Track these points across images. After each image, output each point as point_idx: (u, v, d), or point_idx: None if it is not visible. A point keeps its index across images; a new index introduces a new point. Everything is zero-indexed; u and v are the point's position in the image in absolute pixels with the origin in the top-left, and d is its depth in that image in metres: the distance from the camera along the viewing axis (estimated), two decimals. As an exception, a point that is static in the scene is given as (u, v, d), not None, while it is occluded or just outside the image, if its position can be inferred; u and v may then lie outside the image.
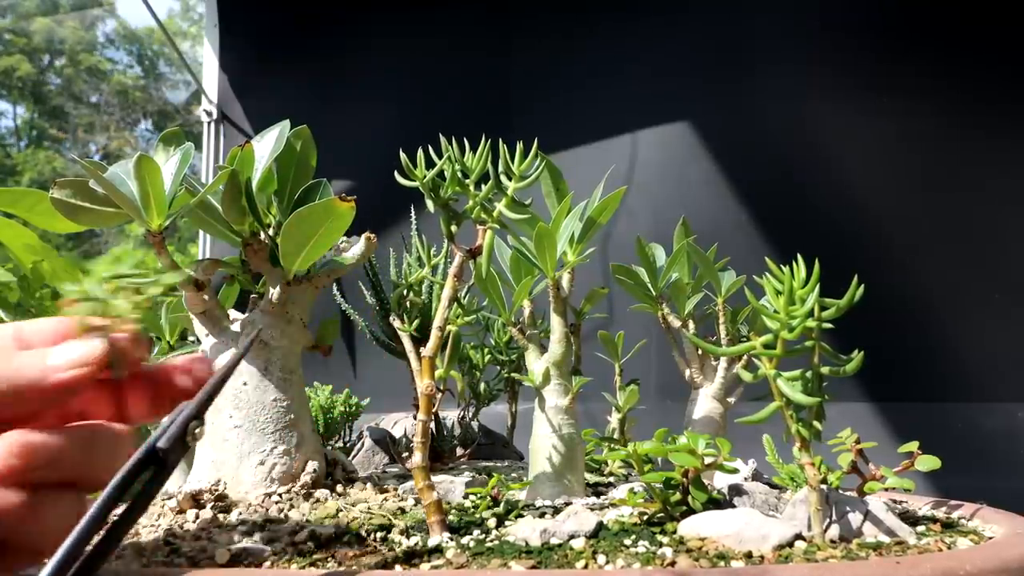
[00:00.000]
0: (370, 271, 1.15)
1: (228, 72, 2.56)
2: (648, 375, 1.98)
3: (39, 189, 1.10)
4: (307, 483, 0.80)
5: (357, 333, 2.16)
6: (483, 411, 1.38)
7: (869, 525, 0.61)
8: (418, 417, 0.67)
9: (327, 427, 1.24)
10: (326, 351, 0.93)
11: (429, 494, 0.64)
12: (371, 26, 2.50)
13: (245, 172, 0.80)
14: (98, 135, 9.37)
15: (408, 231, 1.17)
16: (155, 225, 0.75)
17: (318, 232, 0.75)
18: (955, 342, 1.98)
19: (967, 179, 2.04)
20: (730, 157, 2.15)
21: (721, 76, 2.20)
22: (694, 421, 0.97)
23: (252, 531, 0.66)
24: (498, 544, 0.59)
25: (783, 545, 0.56)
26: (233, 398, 0.80)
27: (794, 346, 0.60)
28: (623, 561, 0.53)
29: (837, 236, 1.99)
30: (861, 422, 1.87)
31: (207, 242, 2.46)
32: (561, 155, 2.16)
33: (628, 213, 2.13)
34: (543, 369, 0.82)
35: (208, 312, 0.84)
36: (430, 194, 0.70)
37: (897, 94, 2.08)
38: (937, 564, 0.49)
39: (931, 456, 0.78)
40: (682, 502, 0.66)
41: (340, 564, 0.56)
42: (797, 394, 0.59)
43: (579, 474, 0.81)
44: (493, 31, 2.43)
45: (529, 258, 0.82)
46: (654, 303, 0.99)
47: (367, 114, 2.42)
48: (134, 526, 0.61)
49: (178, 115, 8.76)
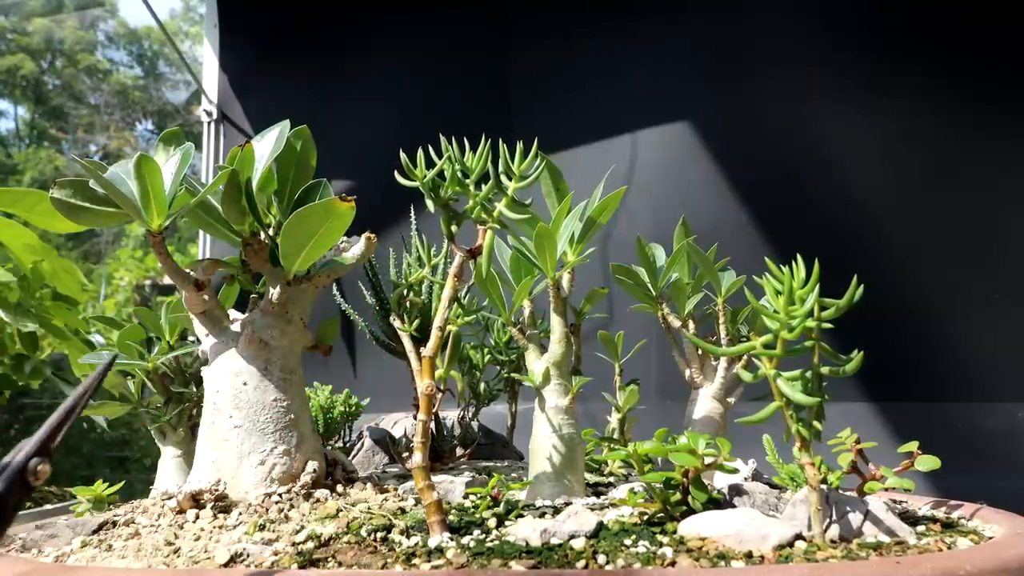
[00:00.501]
0: (370, 271, 1.15)
1: (228, 72, 2.55)
2: (648, 375, 1.98)
3: (40, 189, 1.10)
4: (307, 483, 0.80)
5: (357, 333, 2.16)
6: (483, 411, 1.38)
7: (869, 525, 0.61)
8: (418, 417, 0.67)
9: (327, 427, 1.24)
10: (326, 351, 0.93)
11: (429, 494, 0.64)
12: (371, 26, 2.50)
13: (245, 172, 0.80)
14: (98, 135, 9.37)
15: (408, 231, 1.17)
16: (155, 225, 0.75)
17: (318, 232, 0.75)
18: (955, 342, 1.97)
19: (967, 179, 2.04)
20: (730, 157, 2.15)
21: (721, 76, 2.20)
22: (694, 421, 0.97)
23: (252, 531, 0.66)
24: (498, 544, 0.59)
25: (783, 545, 0.56)
26: (233, 398, 0.80)
27: (794, 346, 0.60)
28: (623, 561, 0.53)
29: (837, 236, 1.99)
30: (861, 422, 1.87)
31: (207, 242, 2.46)
32: (561, 155, 2.16)
33: (628, 213, 2.13)
34: (543, 369, 0.82)
35: (208, 312, 0.84)
36: (430, 194, 0.70)
37: (897, 94, 2.08)
38: (937, 564, 0.49)
39: (931, 456, 0.78)
40: (682, 502, 0.66)
41: (340, 564, 0.56)
42: (797, 394, 0.59)
43: (579, 474, 0.81)
44: (493, 32, 2.42)
45: (529, 258, 0.82)
46: (654, 303, 0.99)
47: (367, 114, 2.42)
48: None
49: (178, 115, 8.76)
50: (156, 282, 6.53)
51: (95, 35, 9.75)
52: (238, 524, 0.70)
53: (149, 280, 6.93)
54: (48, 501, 1.34)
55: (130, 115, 9.56)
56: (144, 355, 1.06)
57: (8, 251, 1.33)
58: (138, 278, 7.20)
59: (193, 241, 7.36)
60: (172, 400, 1.10)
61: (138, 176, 0.72)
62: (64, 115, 9.43)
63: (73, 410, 0.47)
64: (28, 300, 1.36)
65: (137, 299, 6.58)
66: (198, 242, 2.63)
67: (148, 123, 9.66)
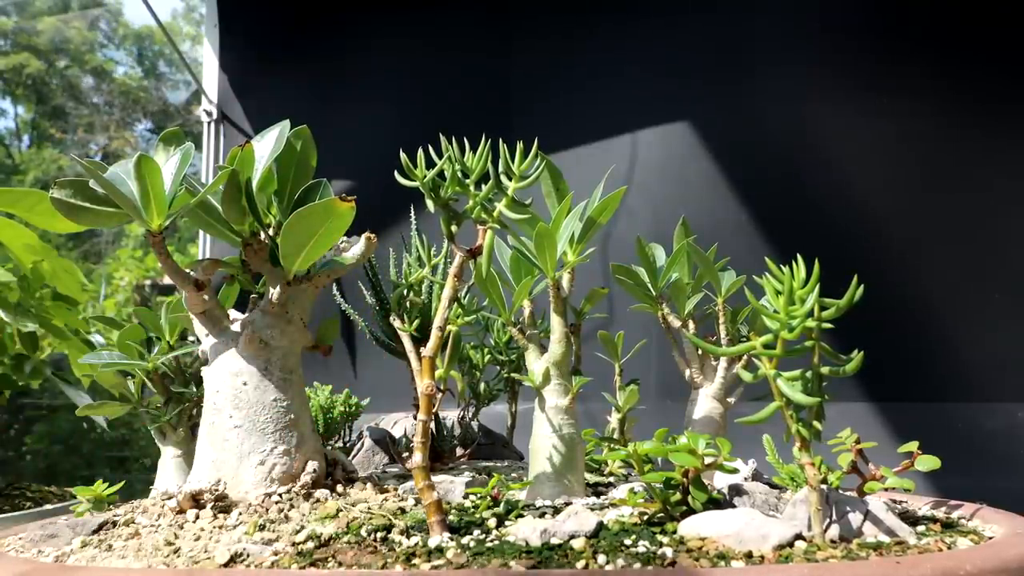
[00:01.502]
0: (370, 271, 1.15)
1: (228, 72, 2.55)
2: (648, 375, 1.97)
3: (43, 189, 1.10)
4: (307, 483, 0.80)
5: (357, 333, 2.16)
6: (484, 411, 1.38)
7: (869, 525, 0.61)
8: (418, 417, 0.67)
9: (327, 427, 1.24)
10: (326, 351, 0.93)
11: (429, 494, 0.64)
12: (371, 26, 2.50)
13: (245, 172, 0.80)
14: (98, 135, 9.37)
15: (408, 231, 1.17)
16: (155, 225, 0.75)
17: (318, 232, 0.75)
18: (955, 342, 1.97)
19: (967, 179, 2.04)
20: (730, 157, 2.15)
21: (721, 77, 2.20)
22: (694, 421, 0.97)
23: (252, 531, 0.66)
24: (498, 544, 0.59)
25: (783, 545, 0.56)
26: (233, 398, 0.81)
27: (794, 346, 0.60)
28: (623, 561, 0.53)
29: (837, 236, 1.99)
30: (861, 422, 1.87)
31: (207, 242, 2.46)
32: (561, 155, 2.16)
33: (628, 213, 2.13)
34: (543, 369, 0.82)
35: (208, 312, 0.84)
36: (430, 194, 0.70)
37: (897, 95, 2.08)
38: (937, 564, 0.49)
39: (931, 456, 0.78)
40: (682, 502, 0.66)
41: (340, 564, 0.56)
42: (797, 394, 0.59)
43: (579, 474, 0.81)
44: (493, 32, 2.42)
45: (529, 258, 0.82)
46: (654, 303, 0.99)
47: (367, 114, 2.42)
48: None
49: (178, 115, 8.77)
50: (156, 282, 6.53)
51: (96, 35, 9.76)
52: (238, 524, 0.70)
53: (149, 280, 6.92)
54: (48, 501, 1.34)
55: (130, 115, 9.56)
56: (144, 355, 1.07)
57: (8, 251, 1.33)
58: (138, 278, 7.20)
59: (193, 241, 7.36)
60: (172, 400, 1.10)
61: (138, 176, 0.72)
62: (64, 115, 9.43)
63: None
64: (28, 300, 1.36)
65: (137, 299, 6.58)
66: (198, 242, 2.63)
67: (148, 123, 9.66)
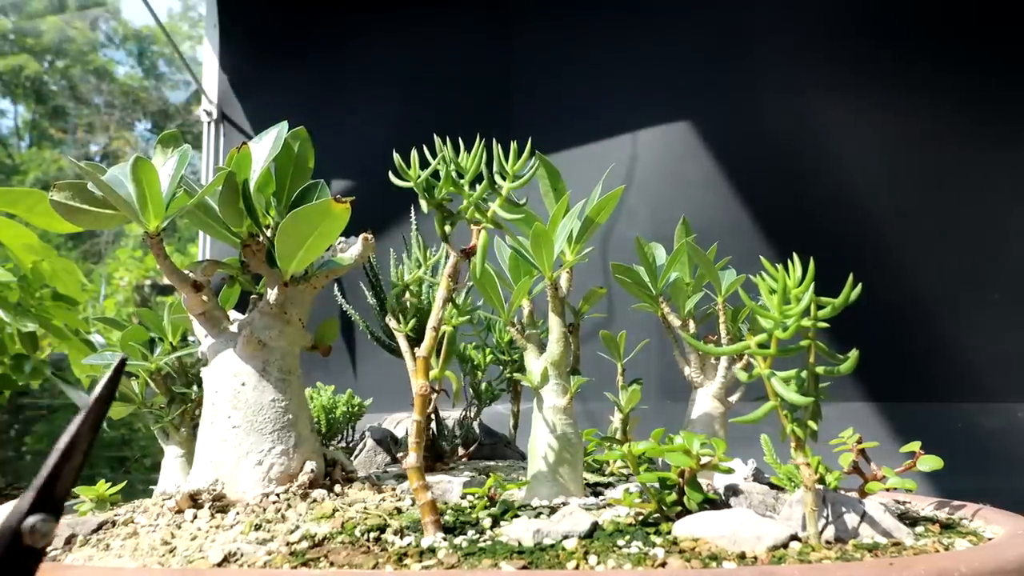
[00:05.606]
0: (370, 271, 1.15)
1: (228, 72, 2.56)
2: (649, 375, 1.97)
3: (43, 189, 1.11)
4: (305, 483, 0.80)
5: (357, 333, 2.16)
6: (487, 411, 1.38)
7: (866, 526, 0.61)
8: (412, 417, 0.67)
9: (329, 427, 1.24)
10: (325, 351, 0.93)
11: (423, 494, 0.64)
12: (371, 26, 2.50)
13: (242, 174, 0.80)
14: (98, 135, 9.38)
15: (408, 231, 1.17)
16: (152, 227, 0.75)
17: (313, 233, 0.75)
18: (955, 342, 1.97)
19: (967, 179, 2.03)
20: (730, 156, 2.15)
21: (721, 76, 2.20)
22: (694, 421, 0.96)
23: (248, 531, 0.66)
24: (491, 544, 0.59)
25: (777, 546, 0.56)
26: (232, 399, 0.81)
27: (790, 345, 0.60)
28: (614, 562, 0.53)
29: (837, 236, 1.99)
30: (861, 422, 1.87)
31: (207, 242, 2.47)
32: (561, 155, 2.16)
33: (628, 212, 2.13)
34: (541, 369, 0.82)
35: (207, 313, 0.84)
36: (424, 194, 0.70)
37: (898, 94, 2.08)
38: (932, 565, 0.48)
39: (933, 456, 0.78)
40: (678, 502, 0.66)
41: (332, 564, 0.56)
42: (791, 394, 0.59)
43: (577, 474, 0.81)
44: (493, 31, 2.43)
45: (527, 258, 0.82)
46: (654, 302, 0.99)
47: (367, 114, 2.43)
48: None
49: (178, 115, 8.77)
50: (156, 282, 6.53)
51: (97, 35, 9.77)
52: (235, 524, 0.70)
53: (149, 280, 6.93)
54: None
55: (130, 115, 9.57)
56: (147, 356, 1.07)
57: (8, 251, 1.34)
58: (138, 278, 7.20)
59: (193, 241, 7.37)
60: (175, 400, 1.11)
61: (135, 179, 0.72)
62: (64, 115, 9.44)
63: (72, 449, 0.39)
64: (28, 300, 1.36)
65: (137, 299, 6.58)
66: (198, 242, 2.63)
67: (148, 123, 9.67)
